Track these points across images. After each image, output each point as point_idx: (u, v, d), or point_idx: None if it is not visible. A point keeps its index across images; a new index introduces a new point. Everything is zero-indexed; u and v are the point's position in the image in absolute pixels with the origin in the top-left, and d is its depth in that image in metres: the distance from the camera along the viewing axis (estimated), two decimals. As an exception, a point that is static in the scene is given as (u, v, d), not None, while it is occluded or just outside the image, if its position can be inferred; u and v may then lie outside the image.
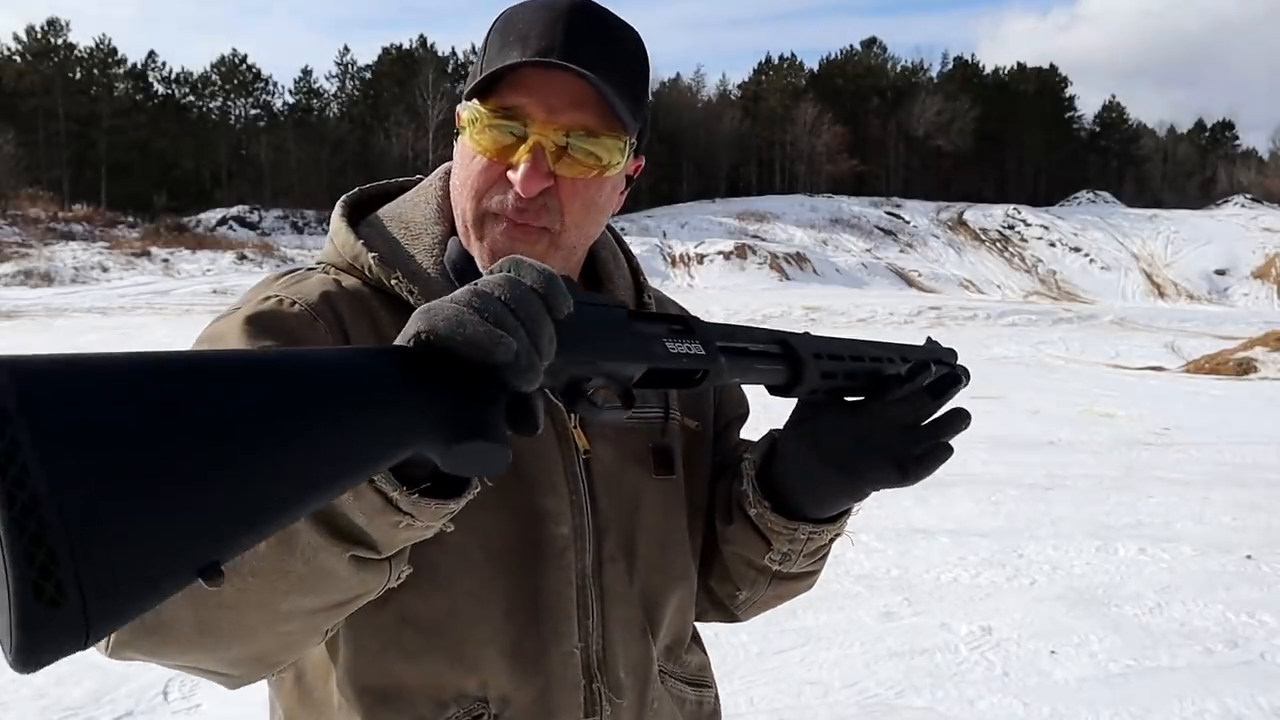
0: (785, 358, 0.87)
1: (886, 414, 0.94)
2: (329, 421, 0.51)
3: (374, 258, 0.93)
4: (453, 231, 0.98)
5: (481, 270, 0.93)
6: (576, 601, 0.95)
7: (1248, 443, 8.78)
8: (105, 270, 34.28)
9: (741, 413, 1.19)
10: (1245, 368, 16.30)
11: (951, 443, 0.94)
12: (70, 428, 0.42)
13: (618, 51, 0.90)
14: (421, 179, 1.05)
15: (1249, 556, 5.19)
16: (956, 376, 0.96)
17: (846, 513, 1.03)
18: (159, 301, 26.48)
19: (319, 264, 0.98)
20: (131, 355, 0.47)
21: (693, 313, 1.03)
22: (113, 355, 0.46)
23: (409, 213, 1.00)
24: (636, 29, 0.95)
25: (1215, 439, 8.98)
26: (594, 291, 0.97)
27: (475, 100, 0.89)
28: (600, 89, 0.86)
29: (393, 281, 0.92)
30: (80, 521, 0.40)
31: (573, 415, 0.95)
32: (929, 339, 1.08)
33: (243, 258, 38.07)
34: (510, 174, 0.88)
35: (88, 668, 3.47)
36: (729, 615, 1.16)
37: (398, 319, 0.88)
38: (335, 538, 0.69)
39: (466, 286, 0.61)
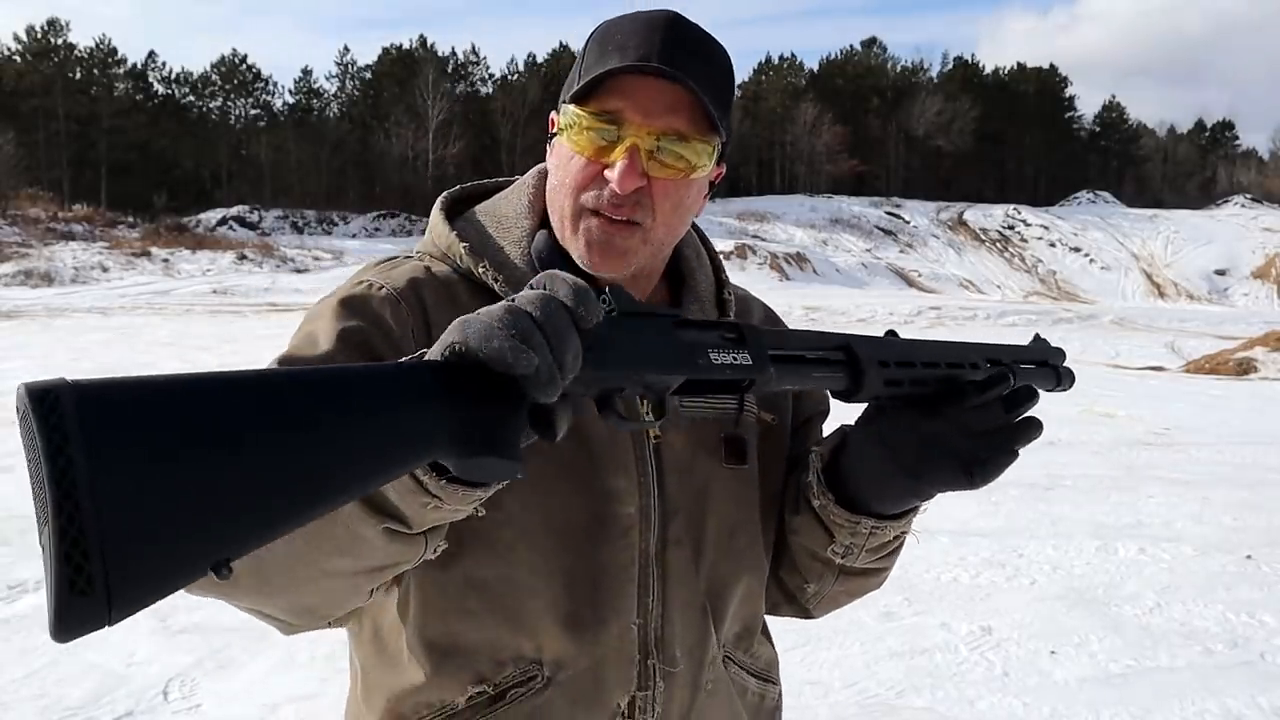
0: (847, 364, 0.88)
1: (959, 419, 0.94)
2: (348, 436, 0.57)
3: (465, 247, 1.01)
4: (542, 225, 1.05)
5: (578, 259, 0.99)
6: (638, 580, 0.99)
7: (1248, 443, 8.78)
8: (105, 270, 34.27)
9: (823, 409, 1.20)
10: (1245, 368, 16.30)
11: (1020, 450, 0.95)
12: (114, 451, 0.49)
13: (709, 62, 0.96)
14: (518, 178, 1.12)
15: (1249, 556, 5.19)
16: (1033, 390, 0.96)
17: (913, 511, 1.03)
18: (159, 301, 26.46)
19: (416, 253, 1.06)
20: (176, 380, 0.53)
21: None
22: (159, 380, 0.53)
23: (502, 208, 1.07)
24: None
25: (1215, 439, 8.98)
26: (671, 293, 1.04)
27: (574, 105, 0.94)
28: (694, 93, 0.91)
29: (480, 269, 1.00)
30: (112, 531, 0.48)
31: (644, 400, 0.97)
32: (1036, 336, 1.08)
33: (243, 258, 38.05)
34: (607, 172, 0.94)
35: (88, 668, 3.48)
36: (801, 610, 1.17)
37: (483, 304, 0.91)
38: (371, 510, 0.75)
39: (503, 302, 0.67)
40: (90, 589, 0.48)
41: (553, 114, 1.01)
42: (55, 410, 0.48)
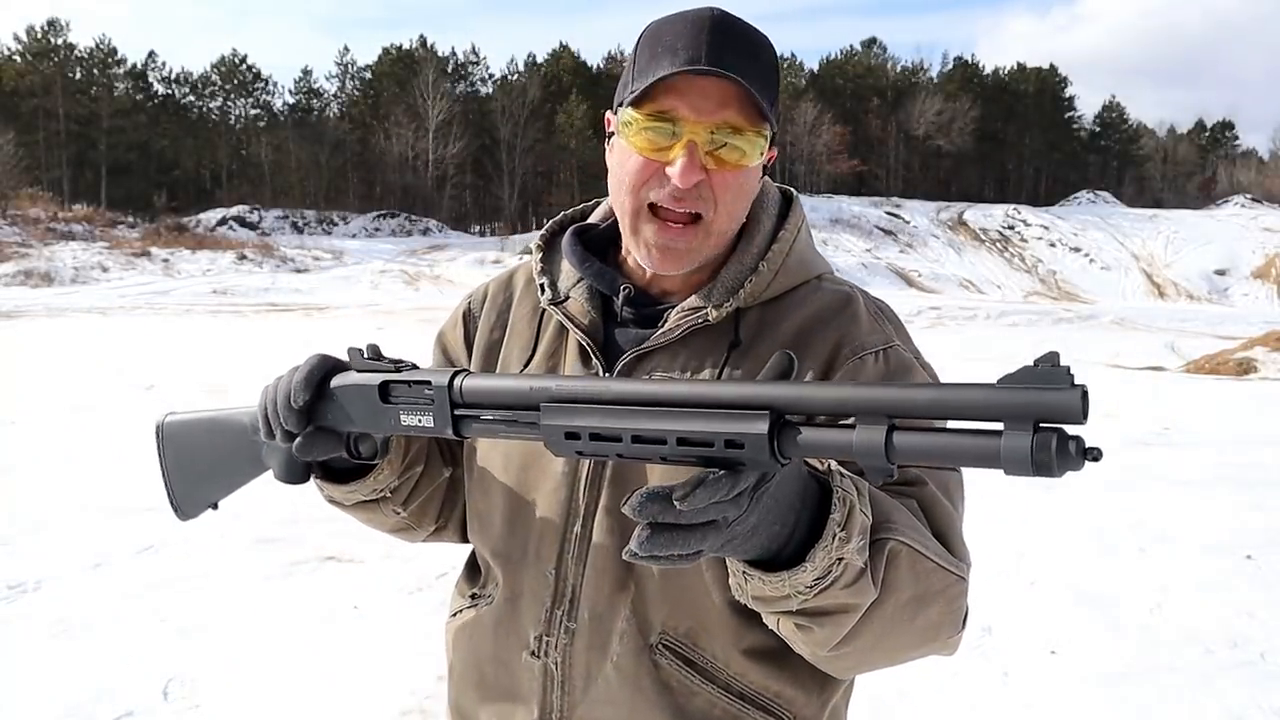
0: (532, 425, 0.86)
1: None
2: (233, 457, 1.18)
3: (535, 246, 1.21)
4: (592, 226, 1.20)
5: (642, 262, 1.06)
6: (562, 533, 1.07)
7: (1248, 443, 8.77)
8: (105, 270, 34.25)
9: None
10: (1245, 368, 16.29)
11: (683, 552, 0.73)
12: (171, 450, 1.21)
13: (755, 55, 0.99)
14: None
15: (1249, 556, 5.18)
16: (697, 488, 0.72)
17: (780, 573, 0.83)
18: (159, 301, 26.45)
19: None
20: (197, 415, 1.21)
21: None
22: (191, 414, 1.21)
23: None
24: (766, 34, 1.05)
25: (1215, 439, 8.97)
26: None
27: (630, 107, 1.00)
28: (743, 86, 0.96)
29: (537, 270, 1.19)
30: (175, 485, 1.22)
31: (611, 373, 1.08)
32: (1047, 359, 0.64)
33: (243, 258, 38.03)
34: (668, 170, 0.99)
35: (88, 668, 3.47)
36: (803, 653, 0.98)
37: (534, 290, 1.19)
38: (321, 494, 1.17)
39: (278, 379, 1.06)
40: (175, 507, 1.22)
41: (608, 115, 1.07)
42: (158, 433, 1.22)
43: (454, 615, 1.23)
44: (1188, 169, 78.04)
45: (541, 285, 1.15)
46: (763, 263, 1.07)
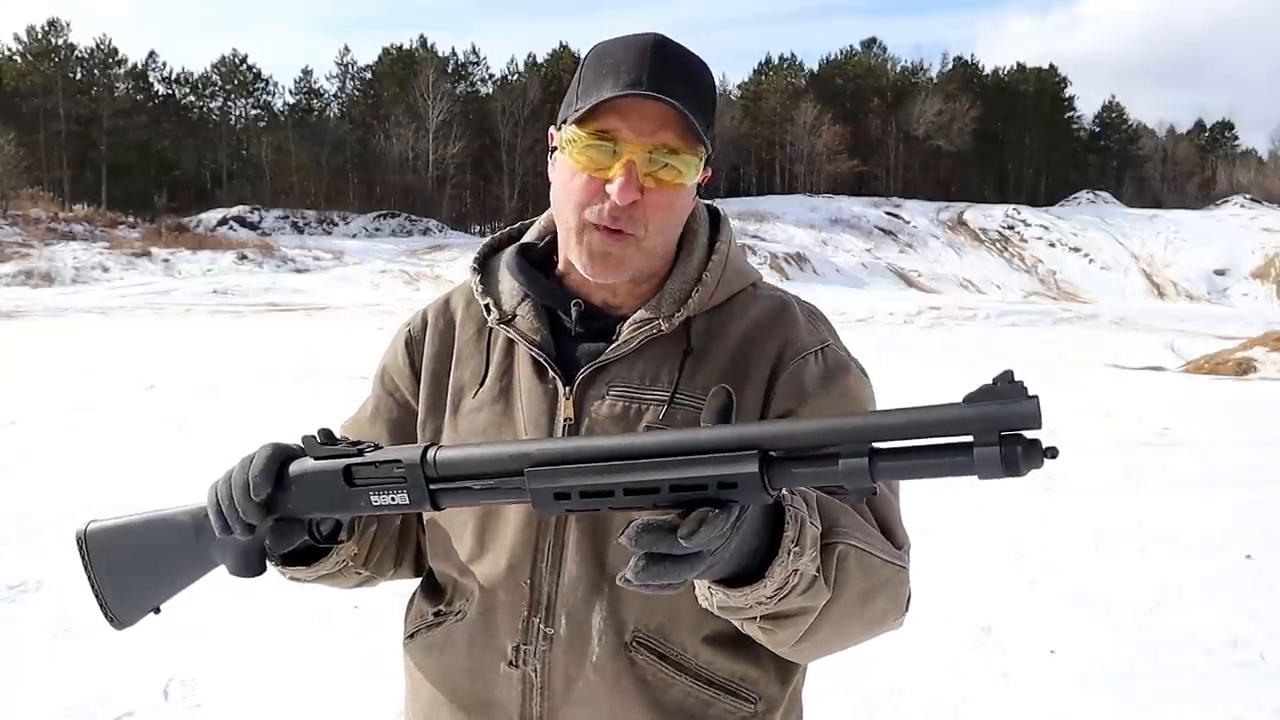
0: (518, 490, 0.86)
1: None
2: (173, 558, 1.13)
3: (472, 268, 1.23)
4: (531, 245, 1.22)
5: (581, 269, 1.09)
6: (535, 545, 1.10)
7: (1248, 443, 8.77)
8: (106, 270, 34.26)
9: (791, 407, 1.10)
10: (1245, 368, 16.29)
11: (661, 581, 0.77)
12: (100, 558, 1.13)
13: (693, 80, 1.05)
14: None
15: (1249, 556, 5.18)
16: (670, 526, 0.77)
17: (744, 589, 0.88)
18: (159, 301, 26.46)
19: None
20: (124, 520, 1.14)
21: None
22: (118, 520, 1.14)
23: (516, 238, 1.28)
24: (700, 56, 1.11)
25: (1215, 439, 8.98)
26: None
27: (574, 125, 1.04)
28: (681, 111, 1.01)
29: (477, 290, 1.20)
30: (107, 594, 1.13)
31: (570, 386, 1.11)
32: (1003, 377, 0.70)
33: (243, 258, 38.04)
34: (608, 188, 1.03)
35: (88, 668, 3.47)
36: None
37: (479, 315, 1.21)
38: (282, 574, 1.15)
39: (228, 472, 1.02)
40: (108, 616, 1.14)
41: (552, 130, 1.12)
42: (81, 543, 1.13)
43: (413, 635, 1.24)
44: (1187, 169, 78.05)
45: (486, 306, 1.17)
46: (705, 273, 1.13)
